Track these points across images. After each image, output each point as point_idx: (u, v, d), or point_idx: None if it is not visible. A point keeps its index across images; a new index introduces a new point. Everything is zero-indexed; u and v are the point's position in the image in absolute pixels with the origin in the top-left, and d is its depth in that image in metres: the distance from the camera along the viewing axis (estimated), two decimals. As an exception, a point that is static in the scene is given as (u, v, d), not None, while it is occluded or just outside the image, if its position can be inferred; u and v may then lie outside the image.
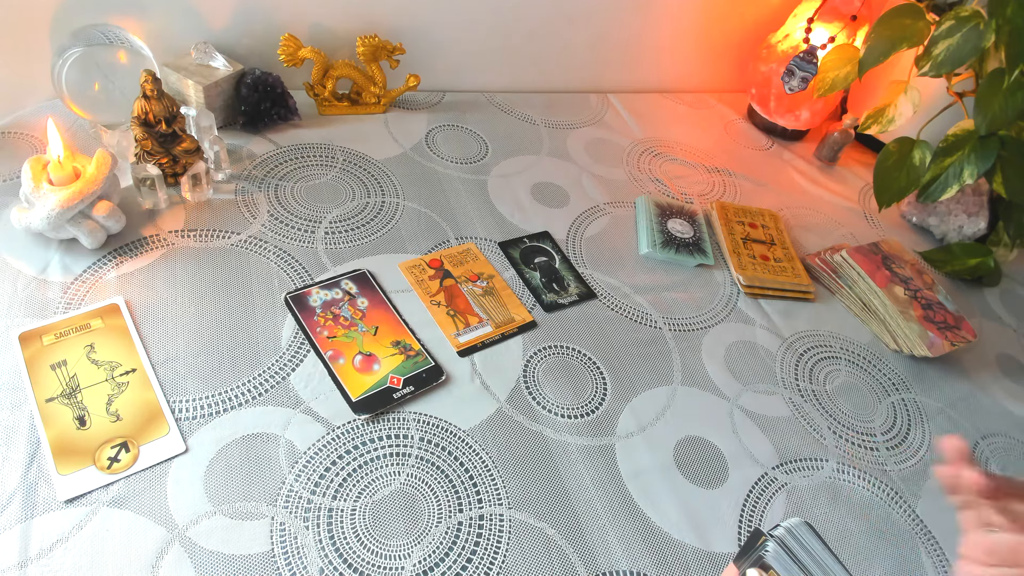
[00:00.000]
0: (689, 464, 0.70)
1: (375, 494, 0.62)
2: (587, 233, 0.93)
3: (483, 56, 1.11)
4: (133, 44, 0.84)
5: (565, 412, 0.72)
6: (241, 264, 0.77)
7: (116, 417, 0.61)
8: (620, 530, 0.64)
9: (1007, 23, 0.84)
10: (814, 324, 0.89)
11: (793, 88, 1.14)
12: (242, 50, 0.96)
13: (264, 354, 0.69)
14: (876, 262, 0.93)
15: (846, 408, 0.80)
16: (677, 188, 1.05)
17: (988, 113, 0.87)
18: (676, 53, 1.24)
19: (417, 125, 1.03)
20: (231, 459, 0.61)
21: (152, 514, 0.56)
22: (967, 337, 0.87)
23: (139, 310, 0.70)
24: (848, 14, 1.10)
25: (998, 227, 1.04)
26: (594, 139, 1.11)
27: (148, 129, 0.78)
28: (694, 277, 0.91)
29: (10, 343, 0.65)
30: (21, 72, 0.86)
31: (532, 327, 0.79)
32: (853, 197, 1.14)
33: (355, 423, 0.66)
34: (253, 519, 0.58)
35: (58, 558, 0.53)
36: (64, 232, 0.72)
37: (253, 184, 0.87)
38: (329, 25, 0.99)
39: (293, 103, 0.95)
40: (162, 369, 0.66)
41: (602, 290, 0.86)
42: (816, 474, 0.73)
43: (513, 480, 0.65)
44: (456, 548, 0.60)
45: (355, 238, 0.84)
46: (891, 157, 0.99)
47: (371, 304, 0.77)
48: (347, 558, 0.57)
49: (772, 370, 0.82)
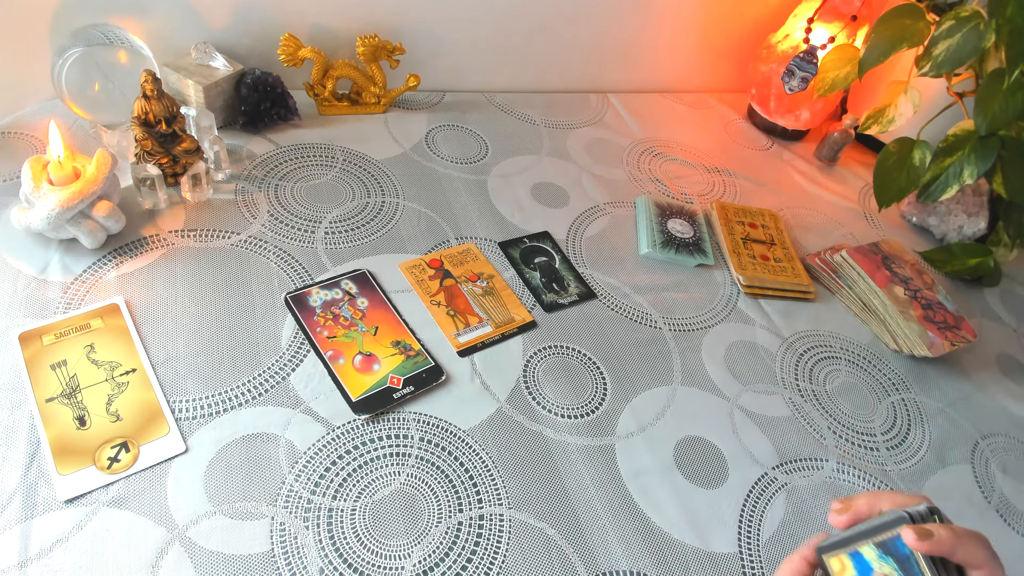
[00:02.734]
0: (689, 464, 0.70)
1: (375, 494, 0.62)
2: (587, 233, 0.93)
3: (483, 56, 1.11)
4: (133, 44, 0.84)
5: (565, 412, 0.72)
6: (241, 264, 0.77)
7: (116, 417, 0.61)
8: (620, 530, 0.64)
9: (1007, 23, 0.84)
10: (814, 324, 0.89)
11: (793, 88, 1.14)
12: (242, 50, 0.96)
13: (264, 354, 0.69)
14: (876, 262, 0.93)
15: (846, 408, 0.80)
16: (677, 188, 1.05)
17: (988, 113, 0.87)
18: (676, 53, 1.24)
19: (417, 125, 1.03)
20: (231, 459, 0.61)
21: (152, 514, 0.56)
22: (967, 337, 0.87)
23: (139, 310, 0.70)
24: (848, 14, 1.10)
25: (998, 227, 1.04)
26: (594, 139, 1.11)
27: (148, 129, 0.78)
28: (694, 277, 0.91)
29: (10, 343, 0.65)
30: (21, 72, 0.86)
31: (532, 327, 0.79)
32: (853, 197, 1.14)
33: (355, 423, 0.66)
34: (253, 519, 0.58)
35: (58, 558, 0.53)
36: (64, 232, 0.72)
37: (253, 184, 0.87)
38: (329, 25, 0.99)
39: (293, 103, 0.95)
40: (162, 369, 0.66)
41: (602, 290, 0.86)
42: (816, 474, 0.73)
43: (513, 480, 0.65)
44: (456, 548, 0.60)
45: (355, 238, 0.84)
46: (891, 157, 0.99)
47: (371, 304, 0.77)
48: (347, 558, 0.57)
49: (772, 370, 0.82)
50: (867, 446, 0.77)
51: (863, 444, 0.77)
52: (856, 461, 0.75)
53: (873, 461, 0.76)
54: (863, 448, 0.77)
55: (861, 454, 0.76)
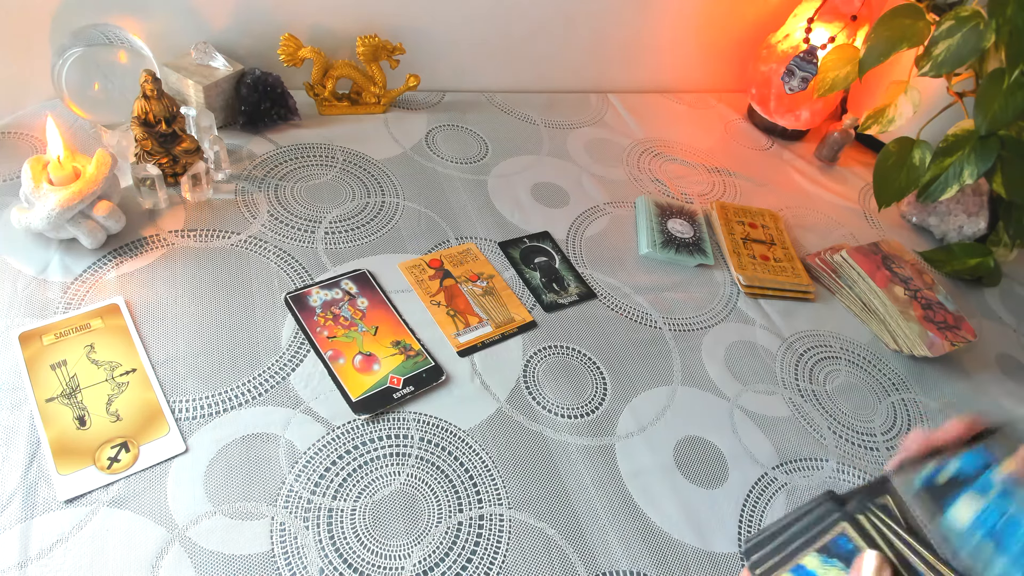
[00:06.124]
0: (689, 464, 0.70)
1: (375, 494, 0.62)
2: (587, 233, 0.93)
3: (483, 56, 1.11)
4: (133, 44, 0.84)
5: (565, 412, 0.72)
6: (241, 264, 0.77)
7: (116, 417, 0.61)
8: (620, 530, 0.64)
9: (1007, 23, 0.84)
10: (814, 324, 0.89)
11: (793, 88, 1.14)
12: (242, 50, 0.96)
13: (264, 354, 0.69)
14: (876, 262, 0.93)
15: (846, 408, 0.80)
16: (677, 188, 1.05)
17: (988, 113, 0.87)
18: (676, 53, 1.24)
19: (417, 125, 1.03)
20: (231, 459, 0.61)
21: (152, 514, 0.56)
22: (967, 337, 0.87)
23: (139, 310, 0.70)
24: (848, 14, 1.10)
25: (998, 227, 1.04)
26: (594, 139, 1.11)
27: (148, 129, 0.78)
28: (694, 277, 0.91)
29: (10, 343, 0.65)
30: (21, 72, 0.86)
31: (532, 327, 0.79)
32: (853, 197, 1.14)
33: (355, 423, 0.66)
34: (253, 519, 0.58)
35: (58, 558, 0.53)
36: (64, 232, 0.72)
37: (253, 184, 0.87)
38: (329, 25, 0.99)
39: (293, 103, 0.95)
40: (162, 369, 0.66)
41: (602, 290, 0.86)
42: (816, 474, 0.73)
43: (513, 480, 0.65)
44: (456, 548, 0.60)
45: (355, 238, 0.84)
46: (891, 157, 0.99)
47: (371, 304, 0.77)
48: (347, 558, 0.57)
49: (772, 370, 0.82)
50: (867, 446, 0.77)
51: (863, 444, 0.77)
52: (856, 461, 0.75)
53: (873, 461, 0.76)
54: (863, 448, 0.77)
55: (861, 454, 0.76)
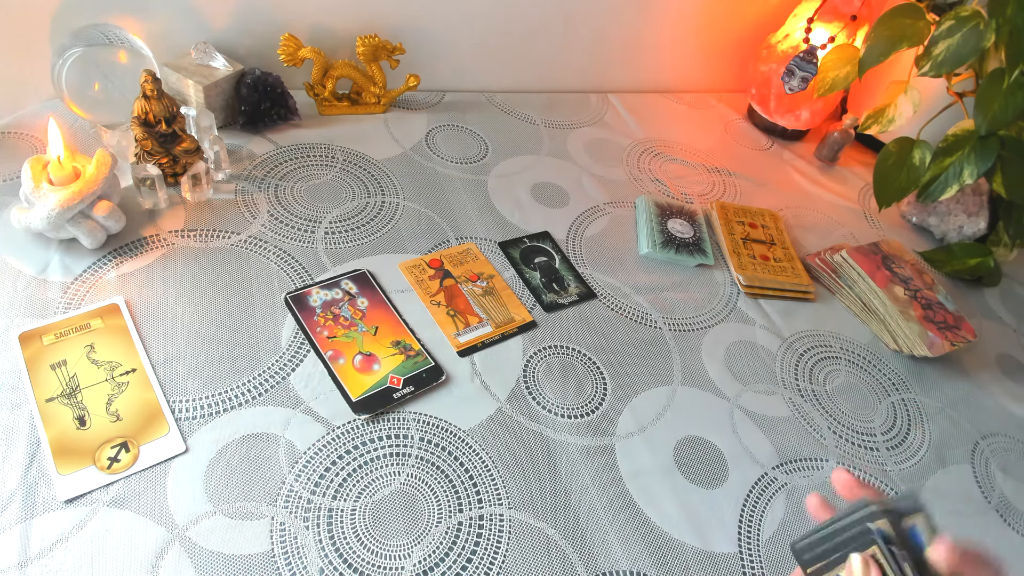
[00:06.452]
0: (689, 464, 0.70)
1: (375, 494, 0.62)
2: (587, 233, 0.93)
3: (483, 56, 1.11)
4: (133, 44, 0.84)
5: (565, 412, 0.72)
6: (241, 264, 0.77)
7: (116, 417, 0.61)
8: (620, 530, 0.64)
9: (1007, 23, 0.84)
10: (814, 324, 0.89)
11: (793, 88, 1.14)
12: (242, 50, 0.96)
13: (264, 354, 0.69)
14: (876, 262, 0.93)
15: (846, 408, 0.80)
16: (677, 188, 1.05)
17: (988, 113, 0.87)
18: (676, 53, 1.24)
19: (417, 125, 1.03)
20: (231, 459, 0.61)
21: (152, 514, 0.56)
22: (967, 337, 0.87)
23: (139, 310, 0.70)
24: (848, 14, 1.10)
25: (998, 227, 1.04)
26: (594, 139, 1.11)
27: (148, 129, 0.78)
28: (694, 277, 0.91)
29: (10, 343, 0.65)
30: (21, 72, 0.86)
31: (532, 327, 0.79)
32: (853, 197, 1.14)
33: (355, 423, 0.66)
34: (253, 519, 0.58)
35: (58, 558, 0.53)
36: (64, 232, 0.72)
37: (253, 184, 0.87)
38: (329, 25, 0.99)
39: (293, 103, 0.95)
40: (162, 369, 0.66)
41: (602, 290, 0.86)
42: (816, 474, 0.73)
43: (513, 480, 0.65)
44: (456, 548, 0.60)
45: (355, 238, 0.84)
46: (891, 157, 0.99)
47: (371, 304, 0.77)
48: (347, 558, 0.57)
49: (772, 370, 0.82)
50: (867, 446, 0.77)
51: (863, 444, 0.77)
52: (856, 461, 0.75)
53: (873, 461, 0.76)
54: (863, 448, 0.77)
55: (861, 454, 0.76)
